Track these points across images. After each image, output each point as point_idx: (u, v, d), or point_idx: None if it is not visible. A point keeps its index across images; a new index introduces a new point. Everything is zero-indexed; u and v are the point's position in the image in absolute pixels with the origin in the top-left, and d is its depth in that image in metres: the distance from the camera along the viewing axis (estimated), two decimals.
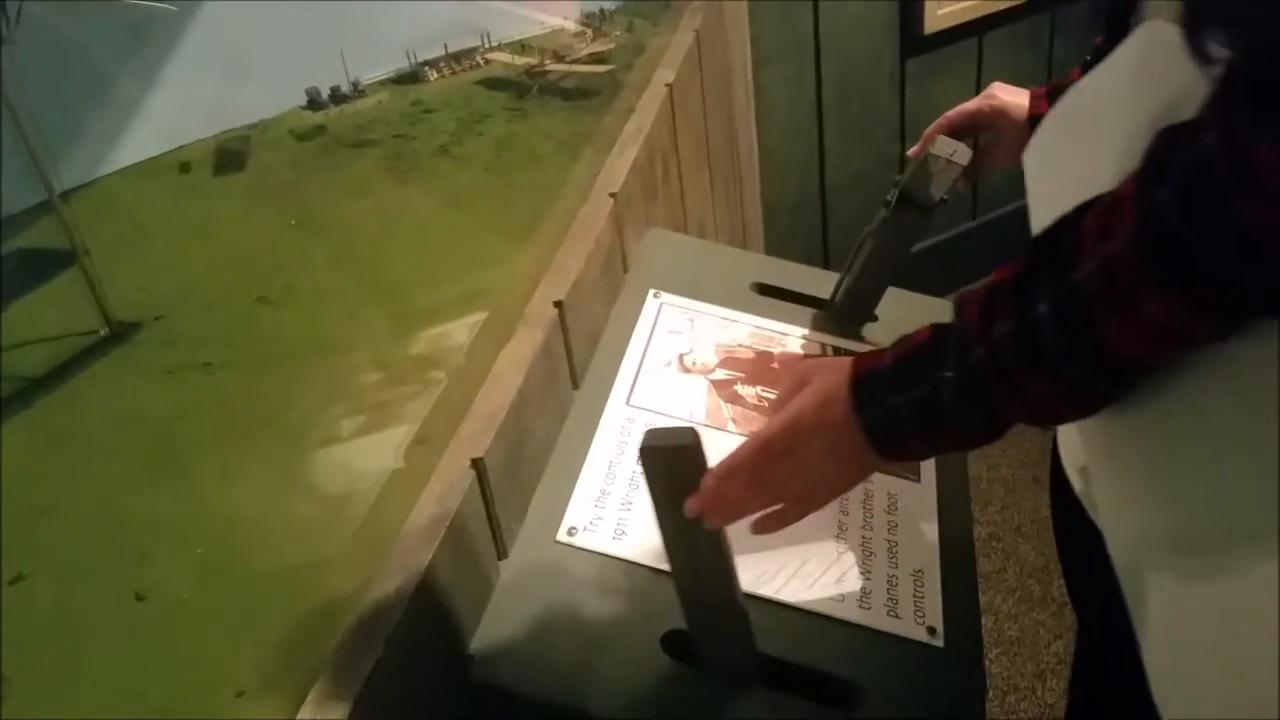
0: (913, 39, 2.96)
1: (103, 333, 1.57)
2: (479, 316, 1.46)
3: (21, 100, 1.49)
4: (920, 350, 0.85)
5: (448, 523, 1.02)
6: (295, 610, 1.04)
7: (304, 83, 2.42)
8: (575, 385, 1.39)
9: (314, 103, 2.41)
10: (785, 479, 0.92)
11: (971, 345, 0.79)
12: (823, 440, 0.88)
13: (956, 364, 0.80)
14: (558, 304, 1.34)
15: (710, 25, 2.54)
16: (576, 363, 1.40)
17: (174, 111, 1.78)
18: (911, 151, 1.49)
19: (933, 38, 2.96)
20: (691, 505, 0.90)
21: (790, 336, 1.56)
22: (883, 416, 0.86)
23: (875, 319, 1.56)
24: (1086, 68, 1.36)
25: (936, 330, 0.85)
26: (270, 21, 2.22)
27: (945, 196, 1.41)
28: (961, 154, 1.38)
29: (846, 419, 0.87)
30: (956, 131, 1.46)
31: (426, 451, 1.14)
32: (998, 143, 1.48)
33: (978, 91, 1.54)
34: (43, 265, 1.72)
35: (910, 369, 0.85)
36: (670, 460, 0.90)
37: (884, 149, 3.13)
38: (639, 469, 0.93)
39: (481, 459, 1.08)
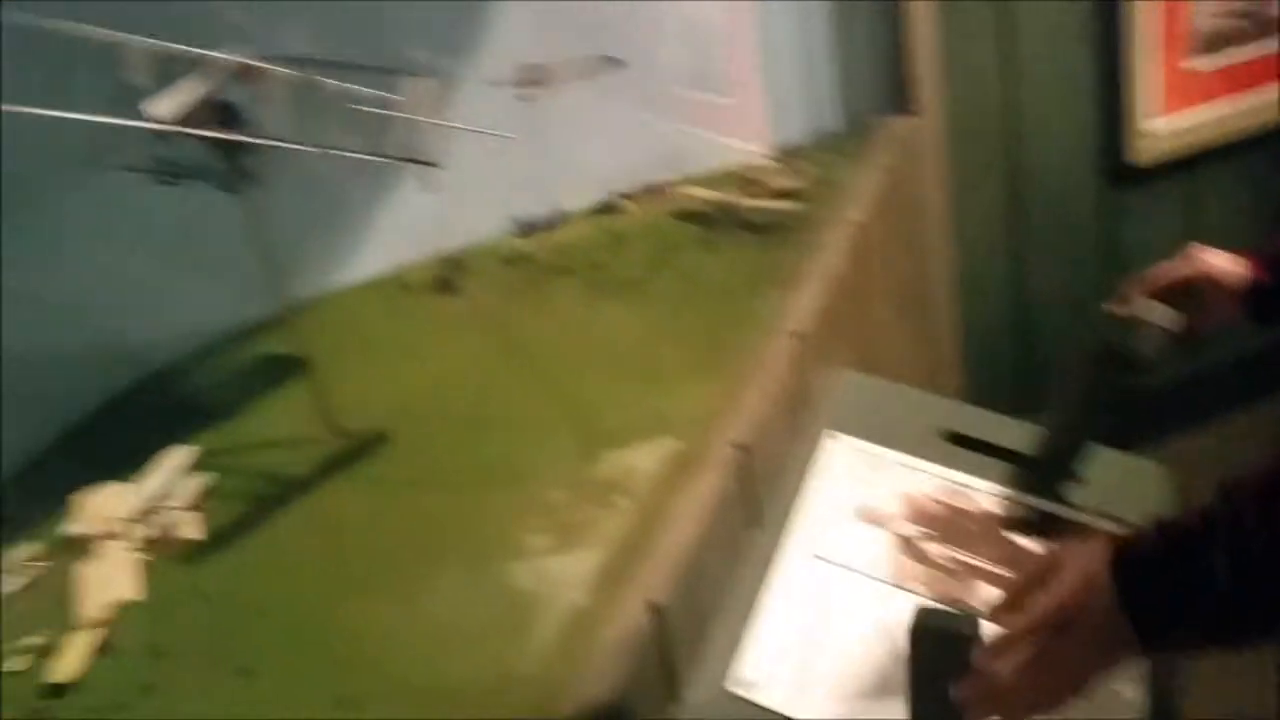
0: (1120, 170, 2.88)
1: (329, 442, 1.72)
2: (664, 450, 1.51)
3: (267, 223, 1.67)
4: (1189, 536, 0.81)
5: (622, 664, 1.06)
6: None
7: (513, 210, 2.61)
8: (755, 528, 1.42)
9: (521, 229, 2.59)
10: (1047, 666, 0.87)
11: (1249, 537, 0.76)
12: (1084, 630, 0.84)
13: (1232, 554, 0.77)
14: (740, 446, 1.38)
15: (903, 156, 2.58)
16: (758, 502, 1.43)
17: (397, 234, 1.94)
18: (1115, 308, 1.45)
19: (1143, 171, 2.88)
20: (963, 691, 0.88)
21: (983, 493, 1.52)
22: (1150, 605, 0.82)
23: (1079, 479, 1.52)
24: None
25: (1206, 515, 0.81)
26: (484, 152, 2.41)
27: (1152, 360, 1.37)
28: (1170, 319, 1.33)
29: (1109, 607, 0.83)
30: (1161, 294, 1.42)
31: (607, 588, 1.19)
32: (1205, 309, 1.42)
33: (1192, 225, 1.49)
34: (279, 371, 1.91)
35: (1179, 556, 0.81)
36: (943, 646, 0.88)
37: (1089, 283, 3.02)
38: (819, 624, 0.92)
39: (659, 603, 1.12)
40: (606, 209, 2.63)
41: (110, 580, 1.39)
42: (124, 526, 1.51)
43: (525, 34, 2.49)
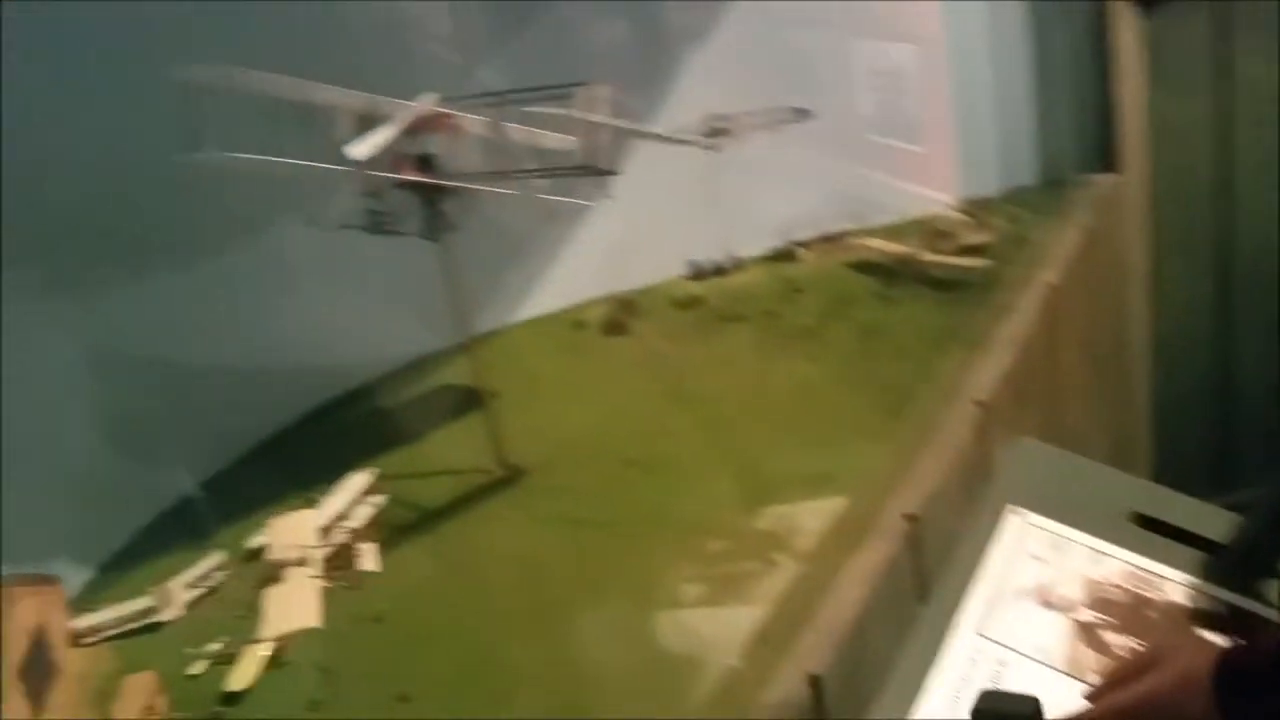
0: None
1: (496, 474, 1.78)
2: (830, 510, 1.48)
3: (457, 263, 1.74)
4: None
5: None
6: None
7: (688, 254, 2.62)
8: (923, 601, 1.36)
9: (696, 273, 2.60)
10: None
11: None
12: None
13: None
14: (911, 517, 1.32)
15: (1103, 215, 2.45)
16: (928, 575, 1.37)
17: (575, 273, 1.98)
18: None
19: None
20: None
21: (1172, 582, 1.41)
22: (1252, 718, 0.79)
23: (1275, 574, 1.39)
24: None
25: None
26: (663, 196, 2.45)
27: None
28: None
29: (1206, 711, 0.80)
30: None
31: (764, 651, 1.16)
32: None
33: None
34: (457, 402, 1.98)
35: None
36: None
37: None
38: None
39: (819, 676, 1.08)
40: (782, 256, 2.61)
41: (294, 606, 1.46)
42: (310, 553, 1.59)
43: (715, 83, 2.51)
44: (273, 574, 1.49)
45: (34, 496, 1.52)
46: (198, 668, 1.32)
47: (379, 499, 1.67)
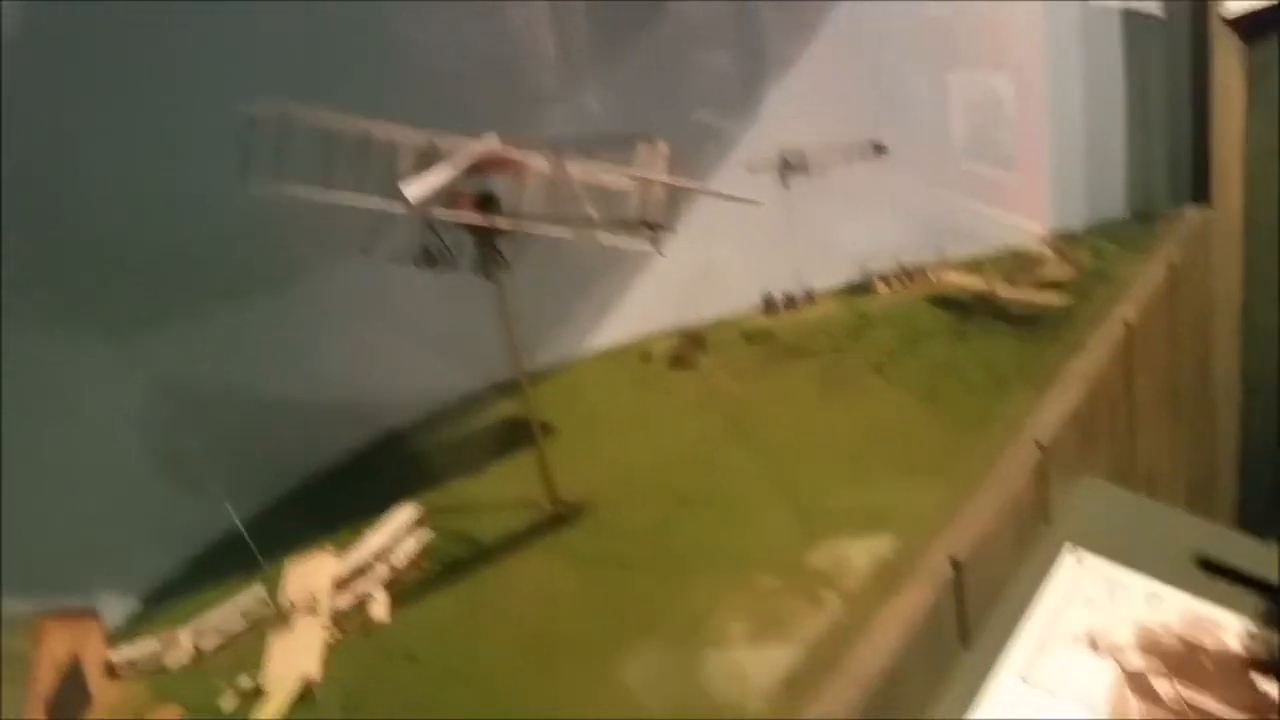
0: None
1: (547, 510, 1.80)
2: (876, 551, 1.47)
3: (515, 297, 1.78)
4: None
5: None
6: None
7: (762, 285, 2.63)
8: (966, 646, 1.34)
9: (768, 306, 2.61)
10: None
11: None
12: None
13: None
14: (955, 563, 1.31)
15: (1191, 250, 2.38)
16: (972, 618, 1.35)
17: (645, 305, 2.01)
18: None
19: None
20: None
21: (1230, 630, 1.37)
22: None
23: None
24: None
25: None
26: (740, 226, 2.46)
27: None
28: None
29: None
30: None
31: (792, 702, 1.16)
32: None
33: None
34: (513, 437, 2.02)
35: None
36: None
37: None
38: None
39: None
40: (859, 289, 2.61)
41: (296, 655, 1.50)
42: (322, 600, 1.63)
43: (809, 112, 2.52)
44: (286, 620, 1.55)
45: (83, 527, 1.61)
46: (228, 702, 1.38)
47: (425, 534, 1.71)
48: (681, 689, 1.38)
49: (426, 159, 1.80)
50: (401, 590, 1.65)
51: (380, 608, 1.59)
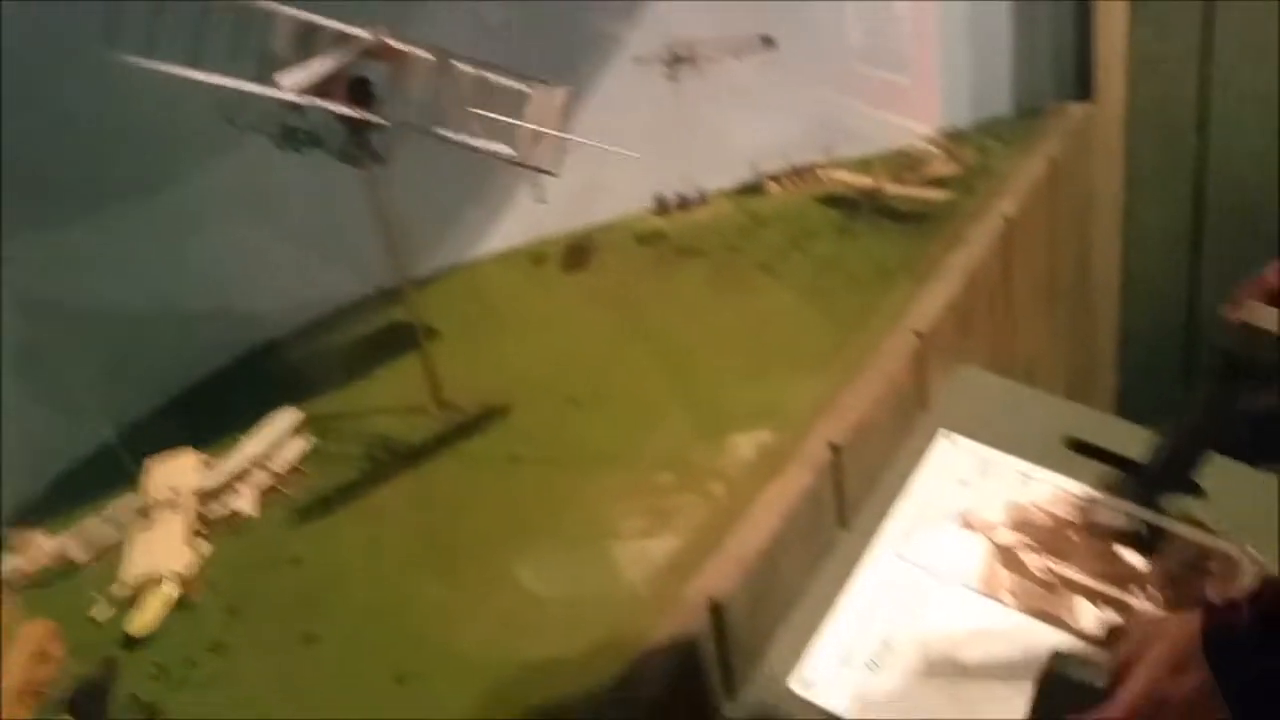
0: None
1: (435, 414, 1.78)
2: (761, 442, 1.49)
3: (395, 196, 1.72)
4: None
5: (675, 659, 1.05)
6: (522, 712, 1.11)
7: (654, 187, 2.61)
8: (843, 526, 1.38)
9: (660, 207, 2.59)
10: None
11: None
12: (1177, 712, 0.80)
13: None
14: (834, 446, 1.34)
15: (1073, 146, 2.44)
16: (850, 503, 1.39)
17: (537, 207, 1.97)
18: (1228, 312, 1.33)
19: None
20: None
21: (1097, 504, 1.44)
22: (1248, 685, 0.78)
23: (1195, 493, 1.41)
24: None
25: None
26: (630, 128, 2.43)
27: (1265, 367, 1.27)
28: (1276, 322, 1.24)
29: (1203, 688, 0.79)
30: (1275, 295, 1.30)
31: (673, 580, 1.18)
32: None
33: None
34: (399, 343, 1.97)
35: (1274, 633, 0.76)
36: (1069, 693, 0.84)
37: None
38: (893, 628, 0.89)
39: (720, 601, 1.10)
40: (751, 190, 2.60)
41: (159, 551, 1.46)
42: (186, 495, 1.58)
43: (688, 9, 2.48)
44: (144, 518, 1.50)
45: None
46: (101, 612, 1.34)
47: (307, 439, 1.67)
48: (575, 581, 1.39)
49: (304, 39, 1.72)
50: (283, 497, 1.62)
51: (246, 501, 1.55)
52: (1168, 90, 2.63)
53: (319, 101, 1.64)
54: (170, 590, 1.38)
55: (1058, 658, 0.86)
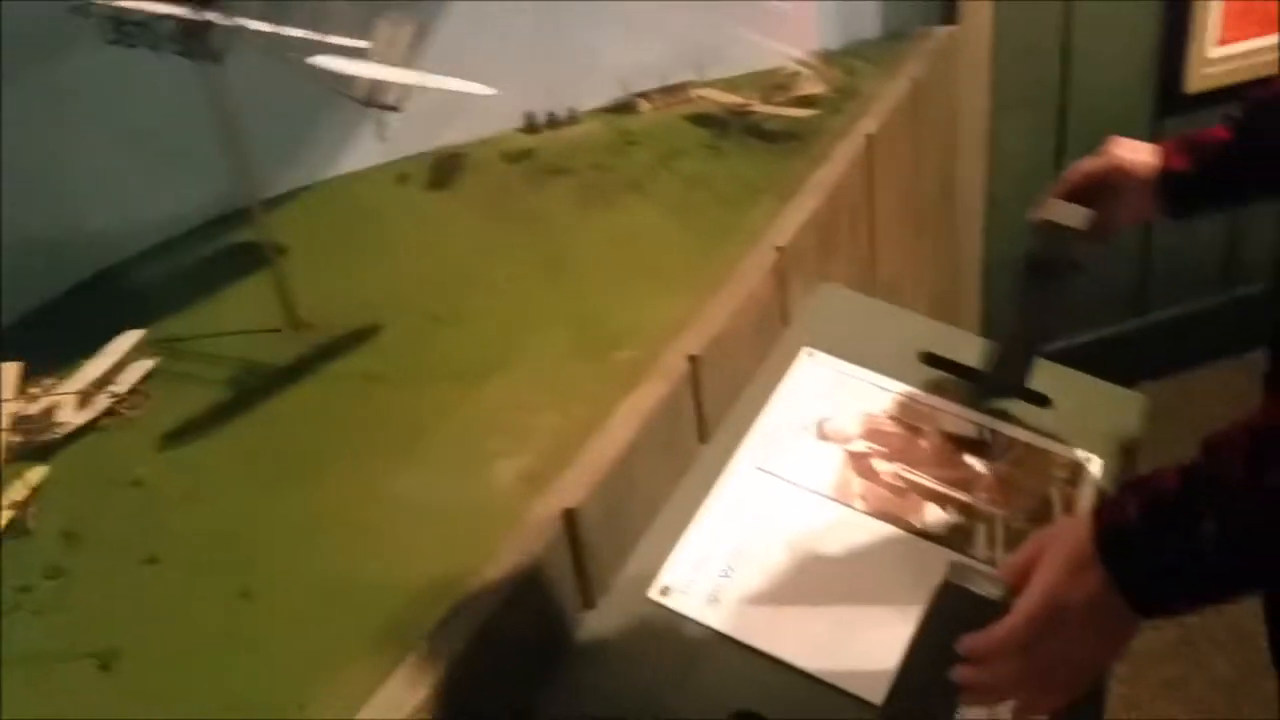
0: (1171, 98, 2.75)
1: (282, 332, 1.71)
2: (620, 358, 1.49)
3: (239, 106, 1.63)
4: (1171, 500, 0.79)
5: (526, 568, 1.04)
6: (370, 623, 1.10)
7: (524, 106, 2.55)
8: (703, 440, 1.39)
9: (529, 125, 2.54)
10: (1053, 660, 0.84)
11: (1238, 495, 0.74)
12: (1080, 613, 0.81)
13: (1220, 515, 0.75)
14: (692, 358, 1.34)
15: (937, 70, 2.47)
16: (710, 417, 1.40)
17: (402, 123, 1.90)
18: (1032, 213, 1.40)
19: (1196, 98, 2.74)
20: (960, 676, 0.86)
21: (944, 412, 1.49)
22: (1142, 578, 0.80)
23: (1042, 399, 1.48)
24: (1235, 126, 1.25)
25: (1186, 476, 0.79)
26: (499, 45, 2.36)
27: (1075, 261, 1.33)
28: (1077, 217, 1.30)
29: (1102, 586, 0.81)
30: (1076, 193, 1.37)
31: (528, 491, 1.17)
32: (1120, 202, 1.35)
33: None
34: (252, 263, 1.89)
35: (1164, 522, 0.78)
36: (966, 606, 0.85)
37: None
38: (750, 536, 0.89)
39: (574, 509, 1.10)
40: (622, 109, 2.57)
41: None
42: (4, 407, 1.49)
43: None
44: None
45: None
46: None
47: (151, 361, 1.60)
48: (431, 499, 1.37)
49: None
50: (125, 420, 1.55)
51: (80, 419, 1.47)
52: (1031, 15, 2.68)
53: (149, 5, 1.54)
54: (4, 515, 1.31)
55: (955, 570, 0.88)
